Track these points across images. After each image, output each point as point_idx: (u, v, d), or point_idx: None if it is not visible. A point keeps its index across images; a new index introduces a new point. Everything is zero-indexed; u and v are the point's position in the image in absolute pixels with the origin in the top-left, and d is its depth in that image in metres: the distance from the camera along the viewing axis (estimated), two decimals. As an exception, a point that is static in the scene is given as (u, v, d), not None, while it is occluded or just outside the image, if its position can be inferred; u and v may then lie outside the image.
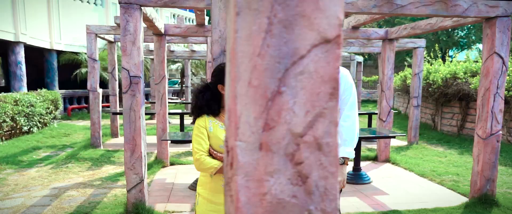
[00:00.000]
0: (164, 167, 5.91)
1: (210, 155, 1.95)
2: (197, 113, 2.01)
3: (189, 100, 15.19)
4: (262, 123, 0.60)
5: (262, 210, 0.61)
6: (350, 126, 2.21)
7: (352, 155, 2.20)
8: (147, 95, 18.12)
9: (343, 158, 2.20)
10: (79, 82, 13.49)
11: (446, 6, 3.86)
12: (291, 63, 0.59)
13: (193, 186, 4.82)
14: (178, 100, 14.35)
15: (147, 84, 18.95)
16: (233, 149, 0.61)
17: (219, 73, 1.97)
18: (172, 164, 6.11)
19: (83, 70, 12.70)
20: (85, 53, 12.92)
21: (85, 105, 14.38)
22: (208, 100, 1.98)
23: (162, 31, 5.81)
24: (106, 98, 14.12)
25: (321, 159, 0.62)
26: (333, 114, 0.62)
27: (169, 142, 6.40)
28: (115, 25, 7.24)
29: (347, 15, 5.12)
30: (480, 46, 20.71)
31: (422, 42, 7.74)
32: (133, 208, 3.62)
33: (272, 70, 0.59)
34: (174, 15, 22.47)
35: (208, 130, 1.97)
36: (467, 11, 3.89)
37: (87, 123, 11.65)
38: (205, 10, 4.79)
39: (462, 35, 21.00)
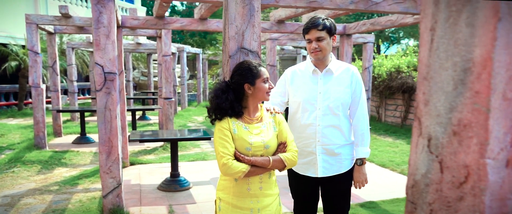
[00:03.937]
0: (125, 167, 5.57)
1: (236, 158, 1.85)
2: (218, 115, 1.89)
3: (132, 96, 14.48)
4: (511, 137, 0.55)
5: (503, 231, 0.57)
6: (366, 124, 2.23)
7: (369, 154, 2.22)
8: (89, 90, 17.02)
9: (360, 159, 2.22)
10: (9, 77, 12.24)
11: (416, 4, 4.05)
12: (540, 74, 0.55)
13: (162, 187, 4.61)
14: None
15: (86, 79, 17.77)
16: (476, 167, 0.56)
17: (245, 71, 1.86)
18: (132, 163, 5.79)
19: (13, 63, 11.54)
20: (14, 45, 11.77)
21: (14, 102, 13.13)
22: (232, 101, 1.87)
23: (120, 23, 5.45)
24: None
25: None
26: None
27: (128, 141, 6.06)
28: (59, 15, 6.66)
29: (313, 9, 5.19)
30: (410, 42, 22.26)
31: (372, 37, 8.07)
32: (110, 214, 3.36)
33: (525, 81, 0.54)
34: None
35: (232, 132, 1.86)
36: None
37: (20, 121, 10.65)
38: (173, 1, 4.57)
39: (392, 30, 22.39)
